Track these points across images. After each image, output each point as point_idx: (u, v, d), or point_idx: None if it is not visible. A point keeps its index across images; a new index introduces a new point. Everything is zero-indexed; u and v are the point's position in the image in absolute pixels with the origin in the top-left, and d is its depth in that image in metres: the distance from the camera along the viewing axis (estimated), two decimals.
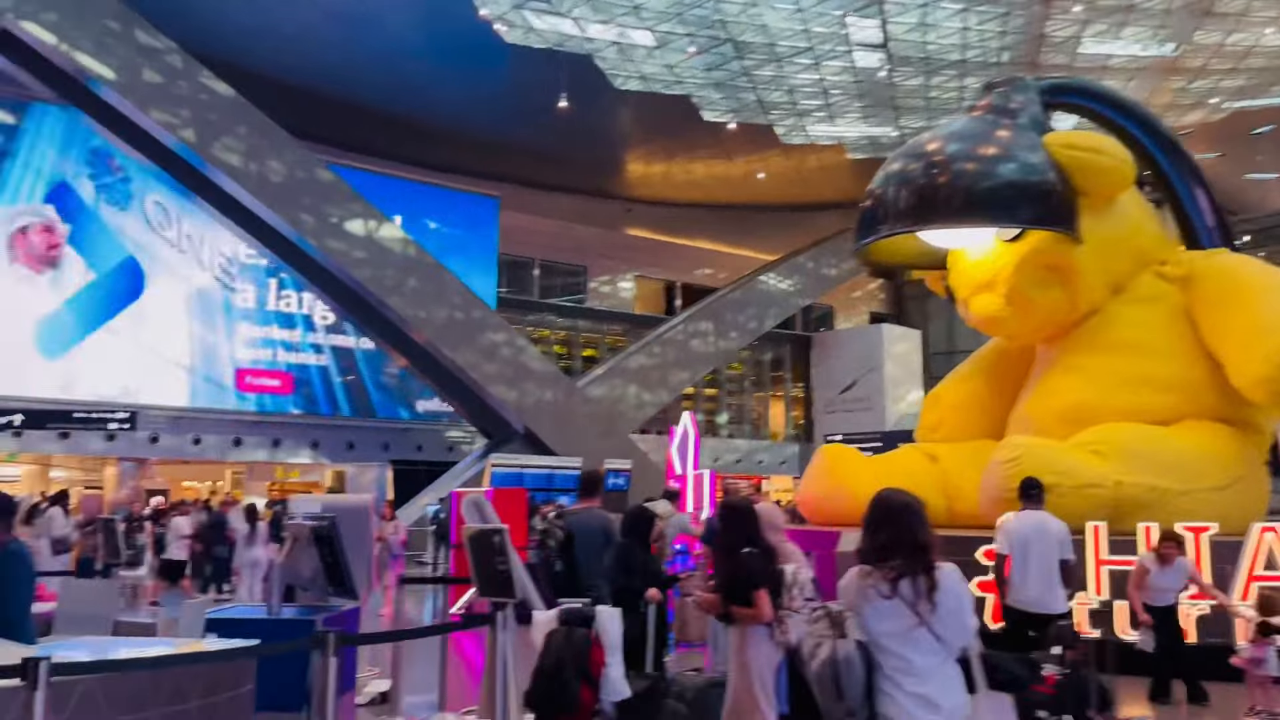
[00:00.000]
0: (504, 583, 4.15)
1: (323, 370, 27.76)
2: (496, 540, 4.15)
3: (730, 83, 25.28)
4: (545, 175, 30.67)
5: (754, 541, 4.57)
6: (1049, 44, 23.31)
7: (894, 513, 3.05)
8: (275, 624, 4.85)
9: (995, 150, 10.35)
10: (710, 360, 30.07)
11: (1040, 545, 6.70)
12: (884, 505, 3.11)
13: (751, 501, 4.72)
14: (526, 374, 23.64)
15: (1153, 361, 10.43)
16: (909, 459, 12.14)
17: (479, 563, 4.24)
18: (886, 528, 3.02)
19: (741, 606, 4.42)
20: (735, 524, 4.61)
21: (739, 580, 4.45)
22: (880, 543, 2.99)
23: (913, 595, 2.91)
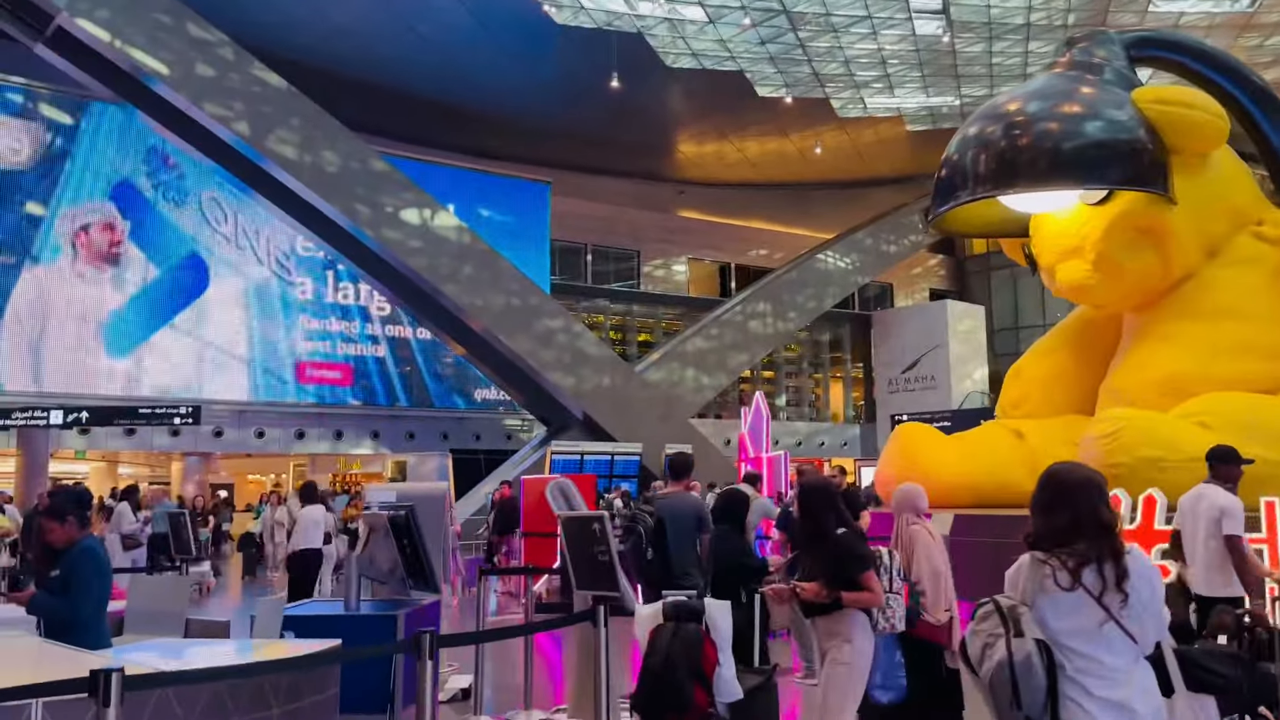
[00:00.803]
0: (605, 574, 3.82)
1: (380, 361, 27.80)
2: (597, 528, 3.82)
3: (785, 56, 24.67)
4: (596, 159, 30.36)
5: (844, 522, 4.27)
6: (1118, 3, 22.34)
7: (1072, 490, 2.63)
8: (356, 620, 4.58)
9: (1080, 108, 9.79)
10: (769, 342, 29.56)
11: (1194, 519, 6.23)
12: (1059, 481, 2.68)
13: (833, 479, 4.38)
14: (584, 360, 23.37)
15: (1255, 327, 9.82)
16: (994, 436, 11.61)
17: (576, 553, 3.92)
18: (1064, 508, 2.59)
19: (849, 591, 4.11)
20: (821, 505, 4.27)
21: (843, 563, 4.12)
22: (1058, 525, 2.57)
23: (1099, 585, 2.50)
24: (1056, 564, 2.53)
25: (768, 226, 35.96)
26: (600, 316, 32.04)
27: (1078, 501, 2.59)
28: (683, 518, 5.35)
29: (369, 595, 5.23)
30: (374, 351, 27.69)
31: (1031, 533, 2.65)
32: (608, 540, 3.80)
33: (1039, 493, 2.72)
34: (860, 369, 36.74)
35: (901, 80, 26.76)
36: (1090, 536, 2.54)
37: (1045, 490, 2.71)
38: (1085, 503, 2.59)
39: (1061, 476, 2.69)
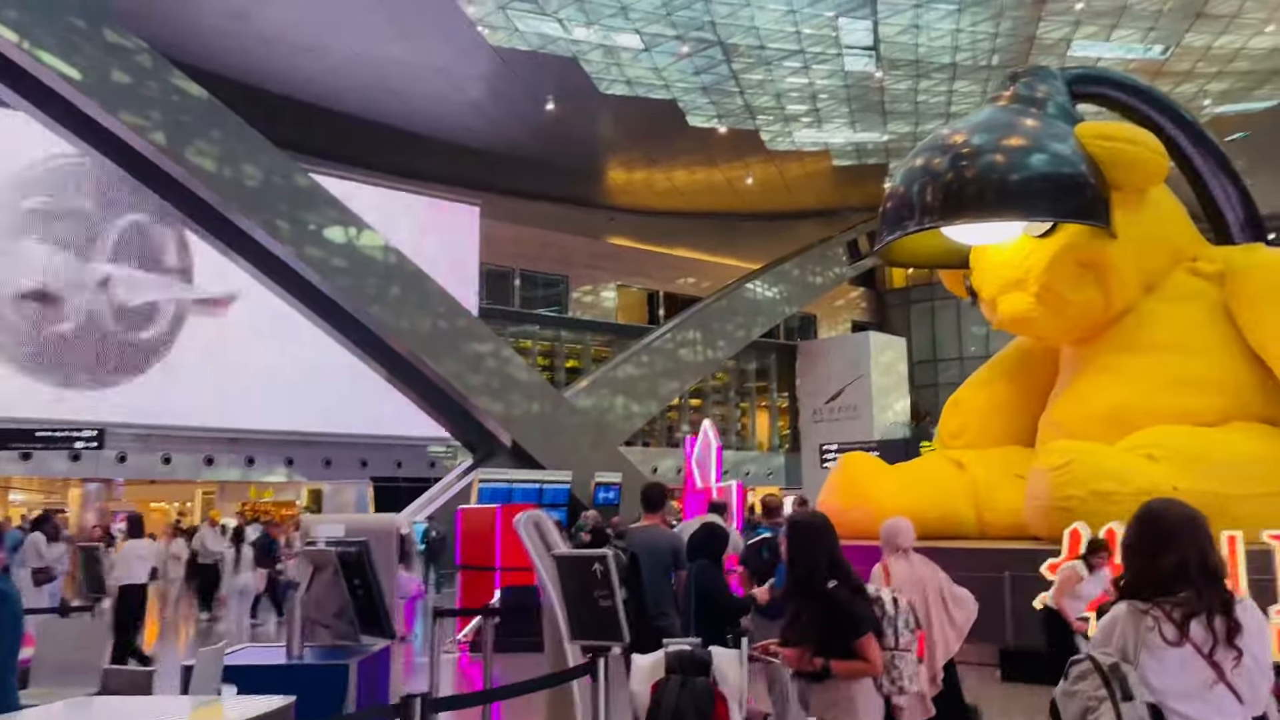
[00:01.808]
0: (607, 621, 3.43)
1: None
2: (598, 569, 3.44)
3: (717, 87, 24.78)
4: (526, 183, 30.01)
5: (836, 568, 3.57)
6: (1039, 46, 23.03)
7: (1176, 530, 2.35)
8: (304, 672, 4.11)
9: (1025, 141, 9.85)
10: (699, 370, 29.46)
11: None
12: (1161, 520, 2.39)
13: (824, 516, 3.88)
14: (513, 385, 22.87)
15: (1194, 361, 9.96)
16: (936, 467, 11.60)
17: (572, 598, 3.55)
18: (1168, 550, 2.31)
19: (841, 659, 3.46)
20: (810, 547, 3.59)
21: (835, 625, 3.49)
22: (1162, 570, 2.29)
23: (1208, 641, 2.23)
24: (1160, 615, 2.25)
25: (696, 255, 36.03)
26: (528, 342, 31.55)
27: (1183, 544, 2.32)
28: (658, 553, 5.01)
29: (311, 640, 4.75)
30: None
31: (1126, 578, 2.38)
32: (611, 583, 3.42)
33: (1136, 532, 2.43)
34: (785, 398, 36.92)
35: (830, 115, 27.13)
36: (1198, 584, 2.27)
37: (1144, 530, 2.41)
38: (1192, 545, 2.31)
39: (1164, 515, 2.41)
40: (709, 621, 4.45)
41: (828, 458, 26.76)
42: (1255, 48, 23.24)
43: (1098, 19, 22.01)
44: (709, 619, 4.47)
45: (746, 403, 36.25)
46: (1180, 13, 21.52)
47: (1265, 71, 24.86)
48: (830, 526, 3.75)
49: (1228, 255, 10.55)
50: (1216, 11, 21.33)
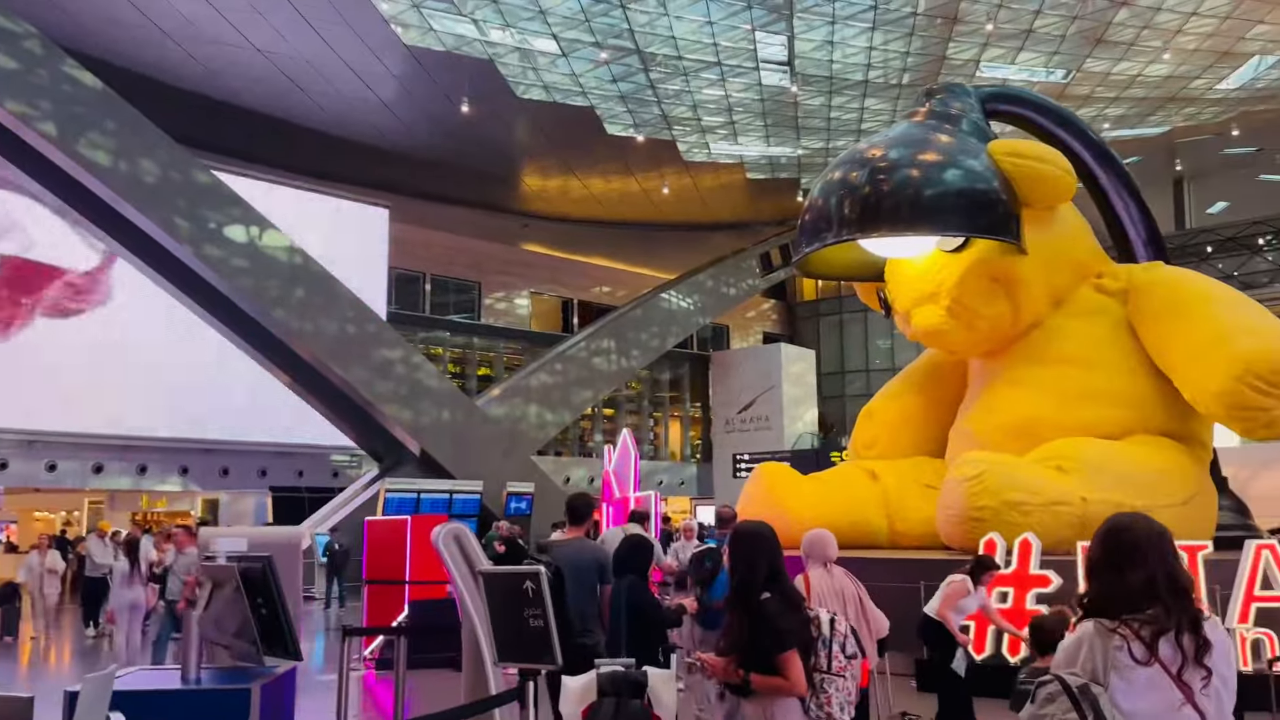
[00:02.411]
0: (538, 642, 3.21)
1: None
2: (529, 587, 3.22)
3: (635, 95, 24.74)
4: (438, 186, 29.50)
5: (776, 581, 3.47)
6: (949, 66, 23.63)
7: (1144, 546, 2.26)
8: (202, 697, 3.79)
9: (940, 157, 9.97)
10: (613, 379, 29.32)
11: None
12: (1128, 535, 2.29)
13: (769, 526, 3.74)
14: (423, 393, 22.36)
15: (1100, 375, 10.22)
16: (850, 477, 11.68)
17: (500, 617, 3.32)
18: (1137, 566, 2.22)
19: (764, 674, 3.35)
20: (750, 557, 3.48)
21: (759, 638, 3.37)
22: (1130, 587, 2.20)
23: (1177, 660, 2.15)
24: (1129, 633, 2.16)
25: (611, 264, 35.94)
26: (439, 348, 30.96)
27: (1151, 559, 2.23)
28: (584, 568, 4.80)
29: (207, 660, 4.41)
30: None
31: (1090, 595, 2.29)
32: (543, 602, 3.21)
33: (1102, 548, 2.33)
34: (698, 408, 37.07)
35: (745, 128, 27.35)
36: (1166, 601, 2.18)
37: (1110, 545, 2.32)
38: (1159, 561, 2.23)
39: (1130, 530, 2.31)
40: (641, 639, 4.28)
41: (741, 468, 26.91)
42: (1150, 75, 24.29)
43: (1004, 42, 22.70)
44: (641, 636, 4.30)
45: (659, 412, 36.26)
46: (1082, 38, 22.34)
47: (1159, 99, 26.02)
48: (773, 537, 3.63)
49: (1130, 272, 10.85)
50: (1116, 38, 22.21)
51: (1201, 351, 9.28)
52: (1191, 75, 24.50)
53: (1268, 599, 6.85)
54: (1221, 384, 8.83)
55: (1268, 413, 8.73)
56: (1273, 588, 6.83)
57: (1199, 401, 9.38)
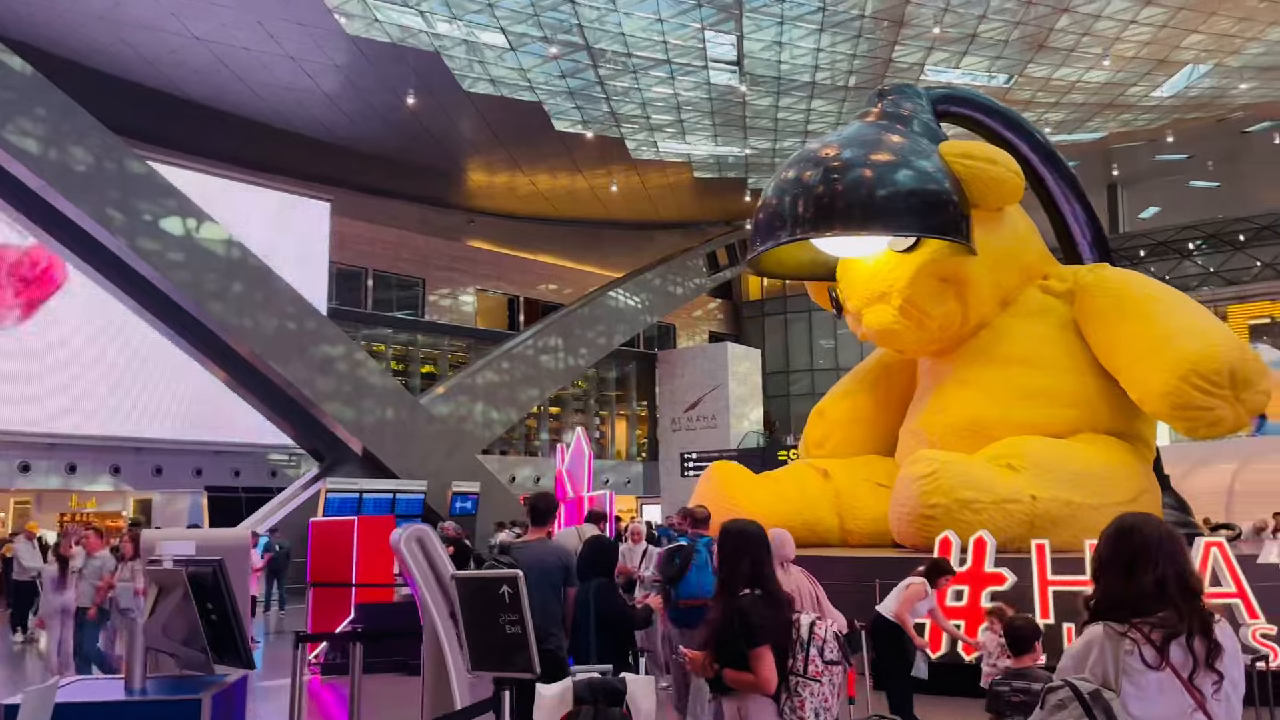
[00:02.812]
0: (515, 650, 3.07)
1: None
2: (506, 592, 3.07)
3: (584, 92, 24.58)
4: (382, 180, 29.02)
5: (760, 580, 3.45)
6: (895, 70, 23.87)
7: (1154, 546, 2.20)
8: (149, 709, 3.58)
9: (892, 157, 10.01)
10: (560, 377, 29.11)
11: None
12: (1138, 535, 2.23)
13: (758, 525, 3.70)
14: (366, 390, 21.92)
15: (1048, 375, 10.35)
16: (802, 476, 11.68)
17: (476, 624, 3.16)
18: (1148, 567, 2.16)
19: (737, 670, 3.32)
20: (735, 553, 3.49)
21: (732, 634, 3.34)
22: (1141, 589, 2.14)
23: (1188, 664, 2.08)
24: (1139, 637, 2.10)
25: (557, 261, 35.71)
26: (381, 345, 30.45)
27: (1162, 560, 2.17)
28: (547, 570, 4.65)
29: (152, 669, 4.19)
30: None
31: (1097, 597, 2.22)
32: (521, 607, 3.06)
33: (1111, 548, 2.26)
34: (644, 407, 37.02)
35: (693, 127, 27.36)
36: (1177, 603, 2.12)
37: (1120, 546, 2.25)
38: (1170, 563, 2.17)
39: (1140, 530, 2.25)
40: (611, 643, 4.15)
41: (690, 467, 26.91)
42: (1090, 81, 24.82)
43: (949, 46, 23.00)
44: (611, 640, 4.17)
45: (606, 411, 36.14)
46: (1024, 44, 22.73)
47: (1096, 105, 26.61)
48: (761, 535, 3.60)
49: (1076, 274, 11.00)
50: (1057, 45, 22.65)
51: (1147, 352, 9.44)
52: (1128, 82, 25.10)
53: (1217, 596, 6.96)
54: (1167, 384, 8.98)
55: (1211, 412, 8.90)
56: (1221, 584, 6.95)
57: (1144, 401, 9.53)
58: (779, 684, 3.29)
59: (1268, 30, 21.90)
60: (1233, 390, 8.89)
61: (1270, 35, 22.15)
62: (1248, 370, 8.89)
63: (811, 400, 37.55)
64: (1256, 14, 21.13)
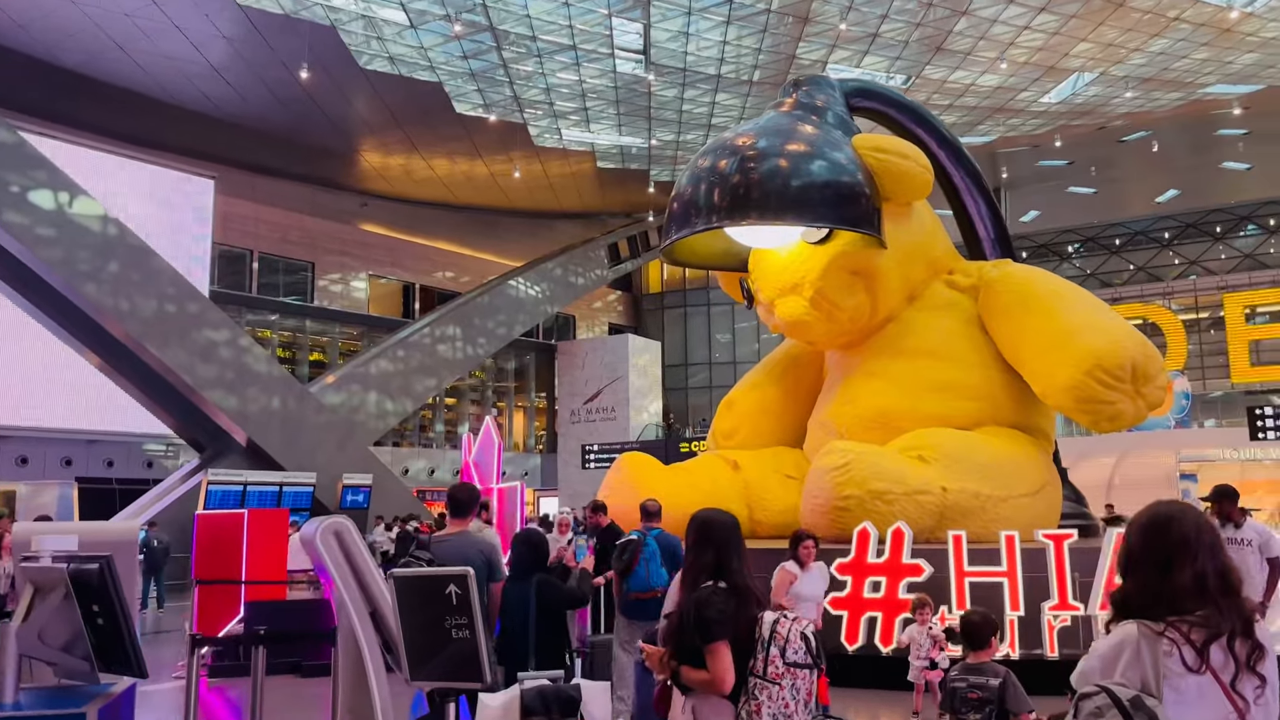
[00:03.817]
0: (463, 659, 2.73)
1: None
2: (453, 592, 2.73)
3: (486, 74, 24.00)
4: (271, 158, 27.80)
5: (725, 572, 3.25)
6: (798, 66, 24.07)
7: (1194, 538, 2.01)
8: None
9: (806, 148, 9.98)
10: (458, 367, 28.44)
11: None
12: (1174, 526, 2.04)
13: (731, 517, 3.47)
14: (251, 378, 20.93)
15: (953, 368, 10.47)
16: (712, 467, 11.56)
17: (417, 629, 2.81)
18: (1186, 561, 1.97)
19: (693, 667, 3.13)
20: (701, 544, 3.31)
21: (686, 627, 3.15)
22: (1182, 585, 1.96)
23: (1229, 668, 1.92)
24: (1178, 637, 1.93)
25: (456, 248, 34.91)
26: (267, 331, 29.18)
27: (1201, 555, 1.99)
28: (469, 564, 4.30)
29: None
30: None
31: (1128, 594, 2.05)
32: (470, 609, 2.73)
33: (1143, 541, 2.06)
34: (543, 398, 36.59)
35: (598, 116, 27.07)
36: (1218, 602, 1.96)
37: (1155, 538, 2.05)
38: (1210, 557, 1.99)
39: (1178, 521, 2.05)
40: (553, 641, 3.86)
41: (591, 458, 26.64)
42: (983, 84, 25.54)
43: (851, 44, 23.31)
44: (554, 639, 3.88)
45: (503, 402, 35.56)
46: (923, 45, 23.21)
47: (988, 108, 27.43)
48: (729, 526, 3.38)
49: (981, 269, 11.18)
50: (954, 47, 23.20)
51: (1051, 346, 9.62)
52: (1019, 87, 25.94)
53: None
54: (1071, 378, 9.16)
55: (1113, 406, 9.12)
56: None
57: (1048, 395, 9.73)
58: (738, 684, 3.07)
59: (1150, 42, 22.91)
60: (1134, 385, 9.12)
61: (1152, 47, 23.18)
62: (1148, 366, 9.14)
63: (709, 393, 37.98)
64: (1141, 26, 22.07)
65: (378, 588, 3.49)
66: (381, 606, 3.50)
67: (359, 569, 3.45)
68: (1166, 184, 36.70)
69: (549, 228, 35.62)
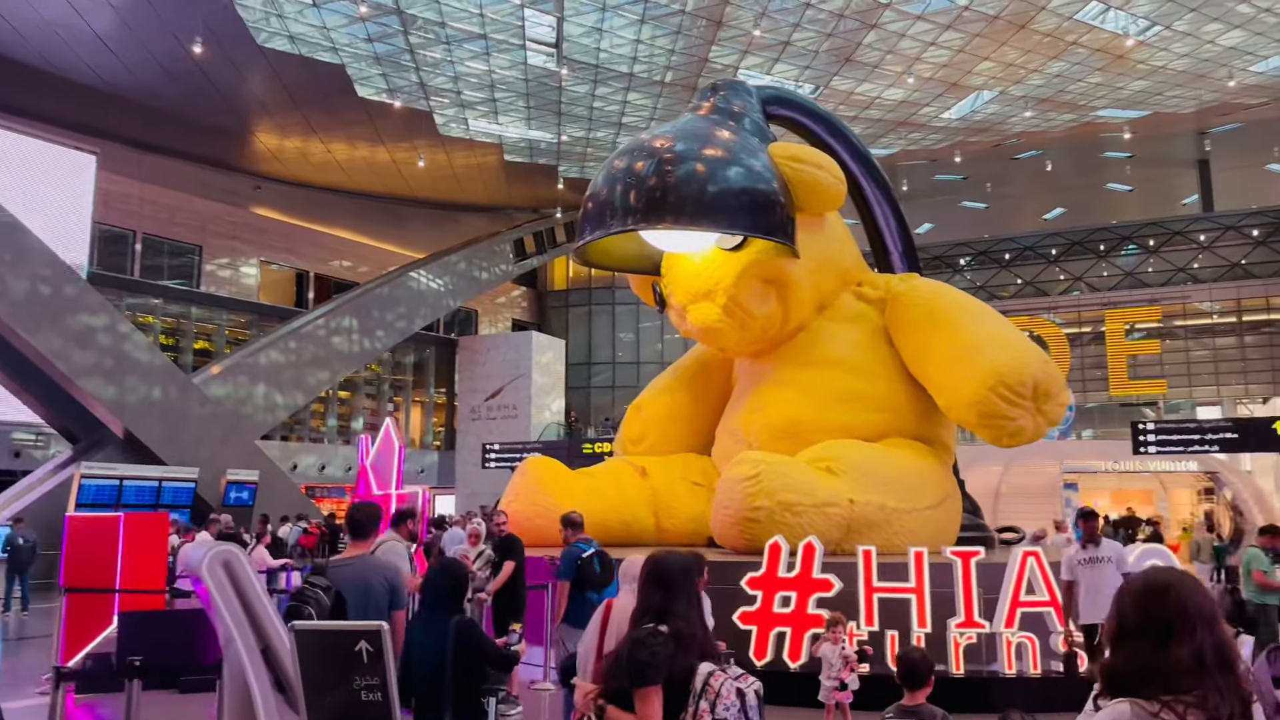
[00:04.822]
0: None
1: None
2: (363, 650, 2.42)
3: (392, 59, 23.27)
4: (158, 135, 26.41)
5: (669, 615, 3.04)
6: (710, 70, 24.09)
7: (1193, 610, 1.87)
8: None
9: (724, 153, 9.89)
10: (353, 360, 27.54)
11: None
12: (1174, 598, 1.89)
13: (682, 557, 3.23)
14: (130, 366, 19.81)
15: (861, 379, 10.53)
16: (620, 473, 11.41)
17: (322, 688, 2.49)
18: (1184, 636, 1.83)
19: (621, 710, 2.94)
20: (646, 583, 3.13)
21: (619, 668, 2.96)
22: (1180, 661, 1.81)
23: None
24: (1172, 717, 1.78)
25: (354, 237, 33.83)
26: (149, 317, 27.70)
27: (1199, 628, 1.85)
28: (371, 593, 3.98)
29: None
30: None
31: (1118, 667, 1.89)
32: (383, 668, 2.43)
33: (1139, 610, 1.91)
34: (442, 394, 35.80)
35: (507, 108, 26.58)
36: (1216, 681, 1.82)
37: (1152, 610, 1.90)
38: (1209, 631, 1.86)
39: (1177, 592, 1.90)
40: (468, 689, 3.56)
41: (491, 458, 26.08)
42: (888, 98, 26.03)
43: (763, 51, 23.44)
44: (468, 686, 3.57)
45: (400, 397, 34.64)
46: (832, 56, 23.49)
47: (892, 121, 27.98)
48: (684, 570, 3.15)
49: (889, 282, 11.27)
50: (863, 59, 23.55)
51: (956, 361, 9.74)
52: (922, 102, 26.53)
53: (1032, 604, 7.19)
54: (975, 393, 9.28)
55: (1014, 422, 9.28)
56: (1036, 593, 7.18)
57: (952, 408, 9.85)
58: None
59: (1049, 64, 23.70)
60: (1034, 402, 9.30)
61: (1050, 69, 23.99)
62: (1049, 383, 9.33)
63: (612, 393, 37.82)
64: (1041, 48, 22.81)
65: (270, 622, 3.17)
66: (274, 643, 3.18)
67: (250, 602, 3.12)
68: (1054, 202, 38.21)
69: (453, 219, 34.89)
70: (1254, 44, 22.96)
